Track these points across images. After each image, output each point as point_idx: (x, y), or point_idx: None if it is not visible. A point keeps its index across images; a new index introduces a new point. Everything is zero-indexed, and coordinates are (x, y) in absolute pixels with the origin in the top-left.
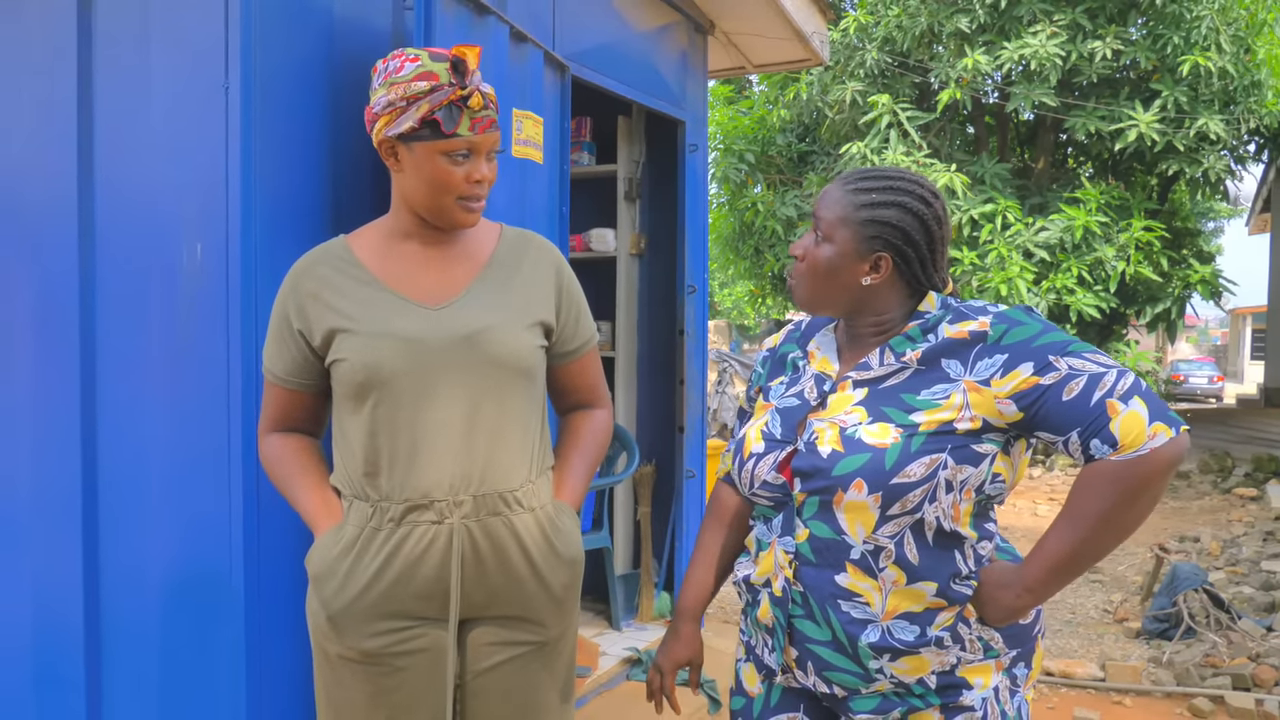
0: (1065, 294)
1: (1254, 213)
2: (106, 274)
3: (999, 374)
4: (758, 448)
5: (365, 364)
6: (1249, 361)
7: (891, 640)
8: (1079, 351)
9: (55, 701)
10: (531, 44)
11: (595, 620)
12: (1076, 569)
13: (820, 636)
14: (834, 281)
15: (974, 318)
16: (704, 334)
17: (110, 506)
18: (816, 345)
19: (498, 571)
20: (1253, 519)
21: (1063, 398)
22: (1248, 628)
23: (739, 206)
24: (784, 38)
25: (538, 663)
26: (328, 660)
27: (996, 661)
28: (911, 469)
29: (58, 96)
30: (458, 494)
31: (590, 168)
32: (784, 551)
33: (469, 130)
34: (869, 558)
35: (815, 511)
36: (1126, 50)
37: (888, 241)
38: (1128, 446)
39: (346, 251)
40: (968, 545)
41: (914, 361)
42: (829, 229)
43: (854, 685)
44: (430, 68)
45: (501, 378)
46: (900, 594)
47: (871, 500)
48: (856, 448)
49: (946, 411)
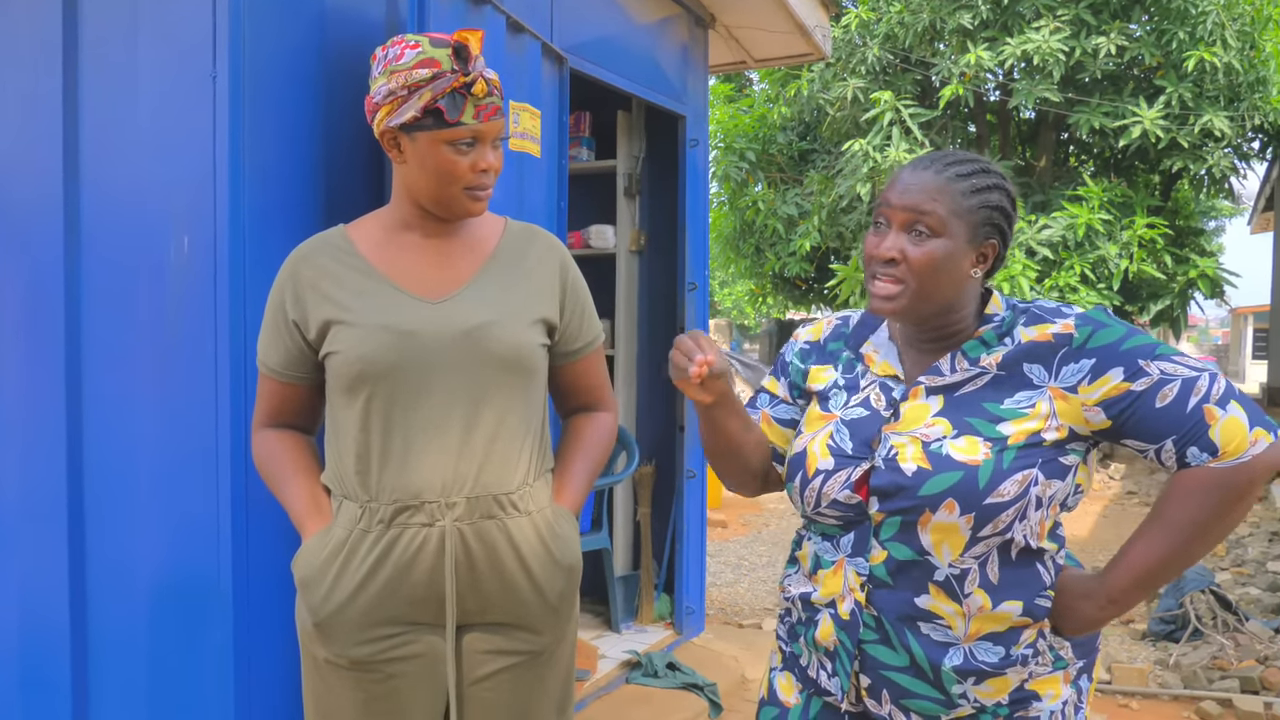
0: (1068, 292)
1: (1256, 212)
2: (93, 270)
3: (1087, 380)
4: (825, 464)
5: (360, 356)
6: (1250, 361)
7: (975, 662)
8: (1168, 355)
9: (41, 705)
10: (529, 35)
11: (594, 622)
12: (1163, 579)
13: (897, 662)
14: (944, 279)
15: (1053, 320)
16: (705, 332)
17: (96, 506)
18: (874, 348)
19: (491, 577)
20: (1258, 519)
21: (1156, 404)
22: (1255, 629)
23: (739, 205)
24: (786, 31)
25: (532, 674)
26: (316, 666)
27: (1065, 673)
28: (1005, 488)
29: (43, 90)
30: (450, 495)
31: (590, 163)
32: (856, 573)
33: (473, 118)
34: (954, 581)
35: (895, 532)
36: (1131, 46)
37: (997, 227)
38: (1229, 454)
39: (346, 241)
40: (1048, 557)
41: (993, 366)
42: (939, 222)
43: (935, 713)
44: (431, 54)
45: (501, 375)
46: (984, 618)
47: (964, 522)
48: (945, 465)
49: (1034, 421)
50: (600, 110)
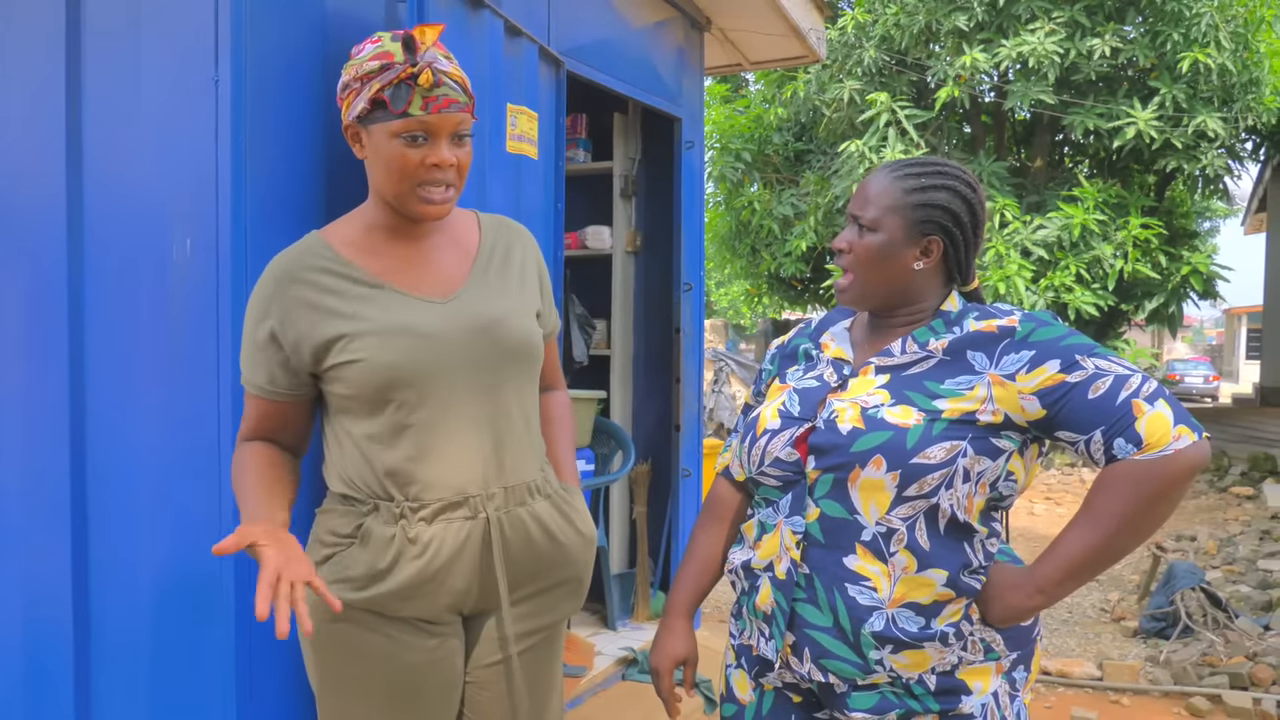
0: (1063, 292)
1: (1249, 212)
2: (95, 271)
3: (1025, 369)
4: (773, 424)
5: (386, 363)
6: (1244, 361)
7: (895, 630)
8: (1105, 354)
9: (44, 703)
10: (526, 38)
11: (590, 620)
12: (1091, 571)
13: (821, 622)
14: (885, 270)
15: (1001, 315)
16: (700, 332)
17: (100, 506)
18: (831, 337)
19: (526, 557)
20: (1249, 518)
21: (1088, 396)
22: (1245, 626)
23: (735, 205)
24: (781, 34)
25: (548, 650)
26: (337, 627)
27: (997, 664)
28: (932, 451)
29: (46, 92)
30: (489, 487)
31: (586, 165)
32: (791, 532)
33: (421, 109)
34: (880, 540)
35: (828, 490)
36: (1125, 48)
37: (938, 224)
38: (1152, 446)
39: (328, 249)
40: (977, 539)
41: (939, 351)
42: (876, 217)
43: (851, 675)
44: (387, 47)
45: (514, 366)
46: (909, 581)
47: (889, 478)
48: (878, 425)
49: (970, 402)
50: (597, 112)
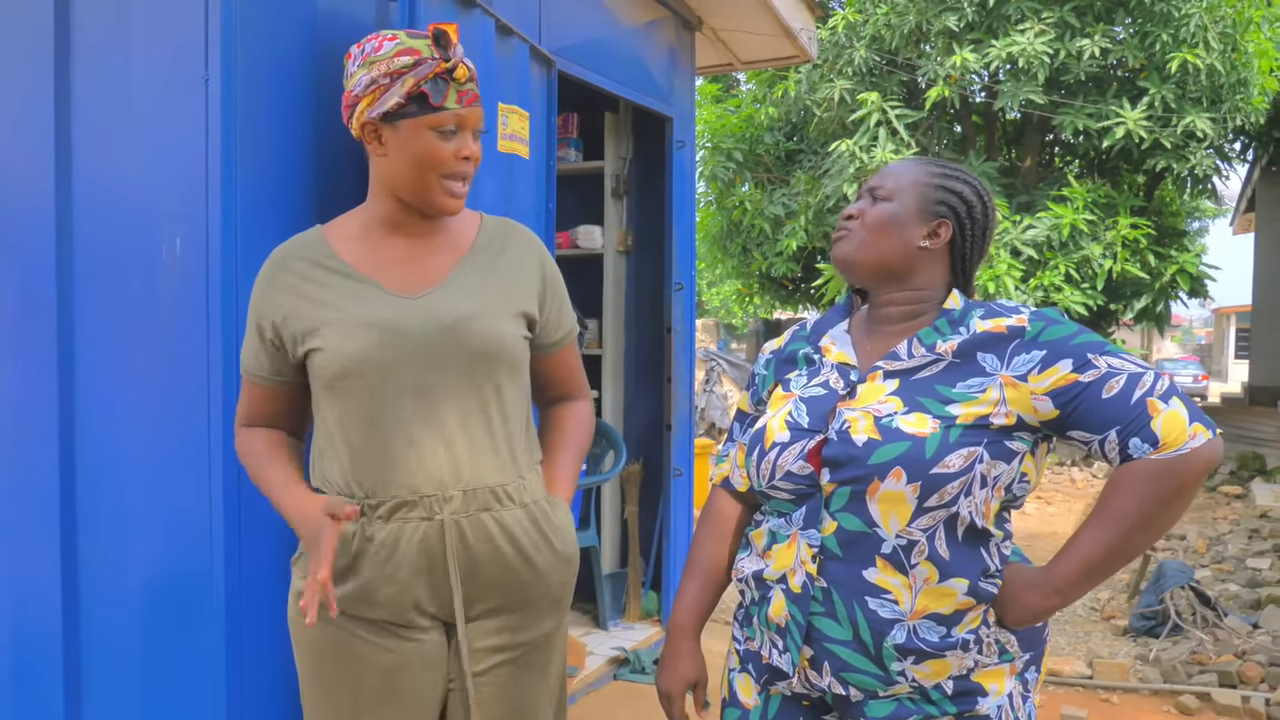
0: (1053, 292)
1: (1238, 212)
2: (85, 271)
3: (1037, 369)
4: (782, 437)
5: (344, 354)
6: (1233, 360)
7: (917, 641)
8: (1116, 352)
9: (33, 702)
10: (517, 38)
11: (582, 620)
12: (1107, 570)
13: (840, 636)
14: (889, 237)
15: (1009, 314)
16: (692, 332)
17: (89, 505)
18: (831, 340)
19: (490, 566)
20: (1238, 517)
21: (1102, 395)
22: (1234, 625)
23: (727, 205)
24: (772, 34)
25: (532, 667)
26: (317, 651)
27: (1011, 665)
28: (950, 460)
29: (35, 92)
30: (446, 489)
31: (577, 164)
32: (808, 545)
33: (456, 103)
34: (901, 552)
35: (845, 503)
36: (1114, 48)
37: (953, 209)
38: (1169, 445)
39: (322, 242)
40: (993, 543)
41: (948, 354)
42: (893, 189)
43: (872, 688)
44: (411, 44)
45: (486, 368)
46: (931, 592)
47: (910, 490)
48: (895, 436)
49: (982, 405)
50: (588, 112)
